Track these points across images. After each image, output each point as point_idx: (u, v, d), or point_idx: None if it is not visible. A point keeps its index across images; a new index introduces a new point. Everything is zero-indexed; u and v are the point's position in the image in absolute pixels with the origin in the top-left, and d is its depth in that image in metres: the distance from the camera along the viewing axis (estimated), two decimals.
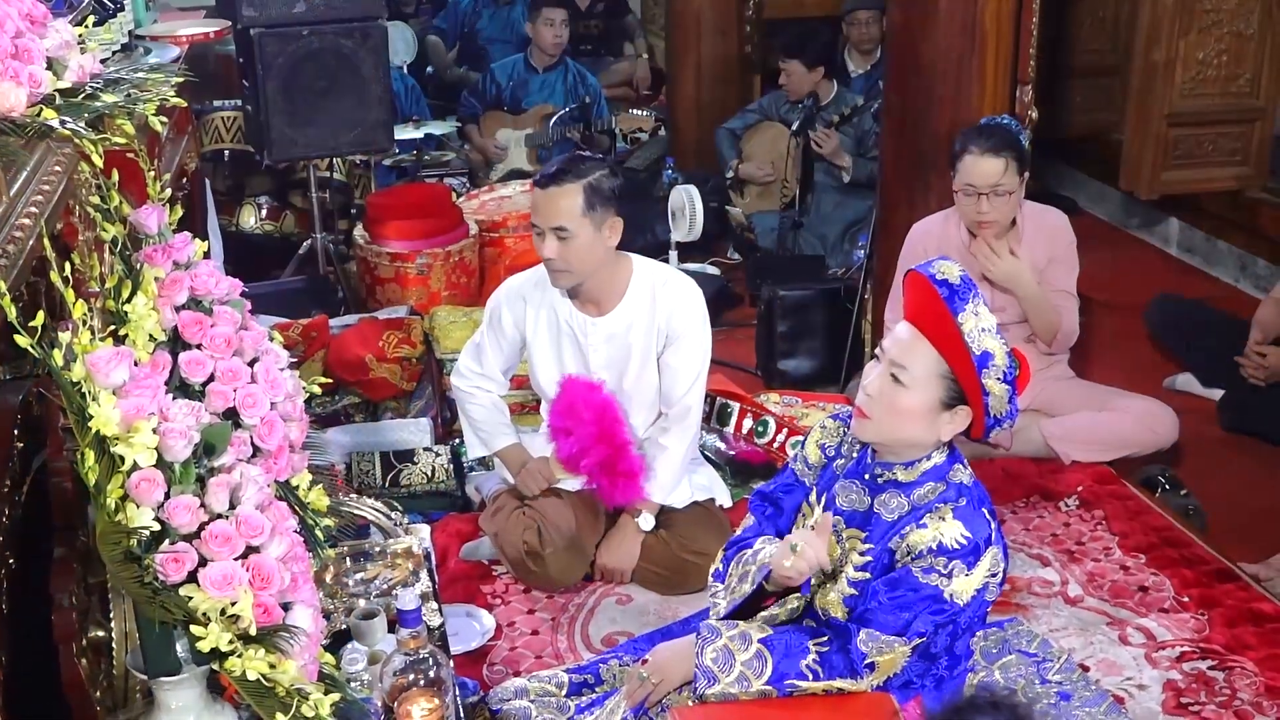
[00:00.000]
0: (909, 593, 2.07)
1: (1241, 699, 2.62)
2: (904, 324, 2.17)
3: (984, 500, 2.15)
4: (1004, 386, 2.08)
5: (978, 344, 2.05)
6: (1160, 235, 5.57)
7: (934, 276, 2.09)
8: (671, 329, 3.03)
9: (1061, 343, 3.67)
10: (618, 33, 7.91)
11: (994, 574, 2.10)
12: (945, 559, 2.06)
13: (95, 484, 1.40)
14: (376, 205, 4.60)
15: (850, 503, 2.24)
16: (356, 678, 1.88)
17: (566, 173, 2.89)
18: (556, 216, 2.87)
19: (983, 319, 2.07)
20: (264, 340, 1.75)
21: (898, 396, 2.11)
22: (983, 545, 2.08)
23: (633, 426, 3.10)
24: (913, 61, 4.03)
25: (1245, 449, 3.78)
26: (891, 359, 2.13)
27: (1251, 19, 4.77)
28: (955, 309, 2.06)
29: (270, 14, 4.20)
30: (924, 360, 2.10)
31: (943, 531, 2.07)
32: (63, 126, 1.49)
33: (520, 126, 6.17)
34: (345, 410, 3.88)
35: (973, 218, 3.54)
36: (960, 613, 2.07)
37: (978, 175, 3.47)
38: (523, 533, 3.02)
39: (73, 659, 1.54)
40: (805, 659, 2.09)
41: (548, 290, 3.06)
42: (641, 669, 2.26)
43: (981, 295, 2.13)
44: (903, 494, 2.16)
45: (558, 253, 2.90)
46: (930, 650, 2.10)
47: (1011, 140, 3.52)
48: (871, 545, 2.17)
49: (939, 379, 2.10)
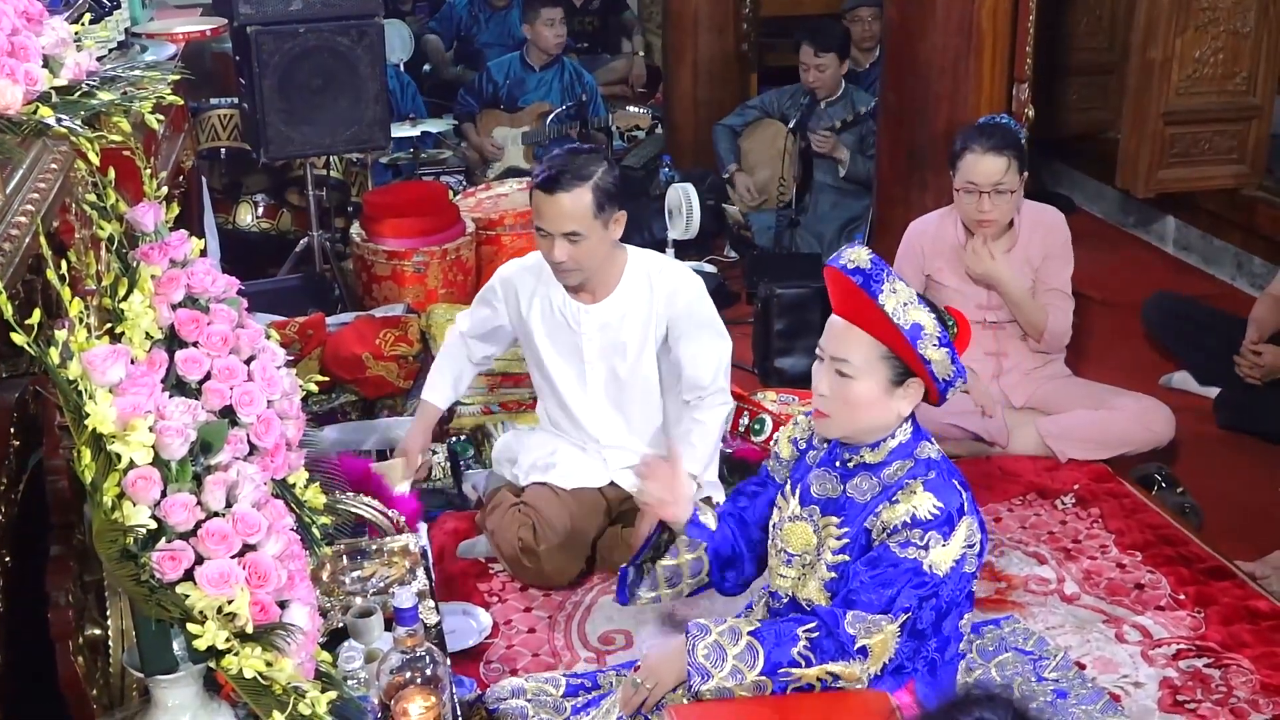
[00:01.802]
0: (889, 569, 2.09)
1: (1238, 696, 2.63)
2: (834, 318, 2.21)
3: (953, 472, 2.19)
4: (943, 350, 2.12)
5: (904, 319, 2.09)
6: (1157, 233, 5.58)
7: (845, 267, 2.13)
8: (673, 316, 3.01)
9: (1051, 341, 3.67)
10: (615, 30, 7.91)
11: (971, 544, 2.12)
12: (921, 531, 2.08)
13: (92, 482, 1.40)
14: (373, 203, 4.60)
15: (824, 490, 2.27)
16: (353, 676, 1.88)
17: (571, 175, 2.83)
18: (568, 221, 2.84)
19: (901, 294, 2.11)
20: (260, 338, 1.75)
21: (848, 389, 2.15)
22: (956, 515, 2.11)
23: (629, 418, 3.11)
24: (910, 60, 4.04)
25: (1241, 447, 3.78)
26: (832, 355, 2.18)
27: (1248, 17, 4.77)
28: (874, 292, 2.10)
29: (267, 12, 4.19)
30: (861, 347, 2.14)
31: (916, 505, 2.10)
32: (59, 124, 1.49)
33: (517, 124, 6.17)
34: (342, 408, 3.88)
35: (973, 216, 3.55)
36: (941, 584, 2.09)
37: (979, 174, 3.48)
38: (517, 530, 3.02)
39: (69, 657, 1.54)
40: (796, 646, 2.11)
41: (542, 278, 3.06)
42: (634, 675, 2.27)
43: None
44: (873, 475, 2.20)
45: (568, 255, 2.87)
46: (918, 627, 2.11)
47: (1013, 139, 3.53)
48: (848, 528, 2.19)
49: (881, 360, 2.14)
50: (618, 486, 3.14)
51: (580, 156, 2.92)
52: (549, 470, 3.12)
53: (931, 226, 3.74)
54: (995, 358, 3.73)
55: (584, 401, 3.13)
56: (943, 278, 3.70)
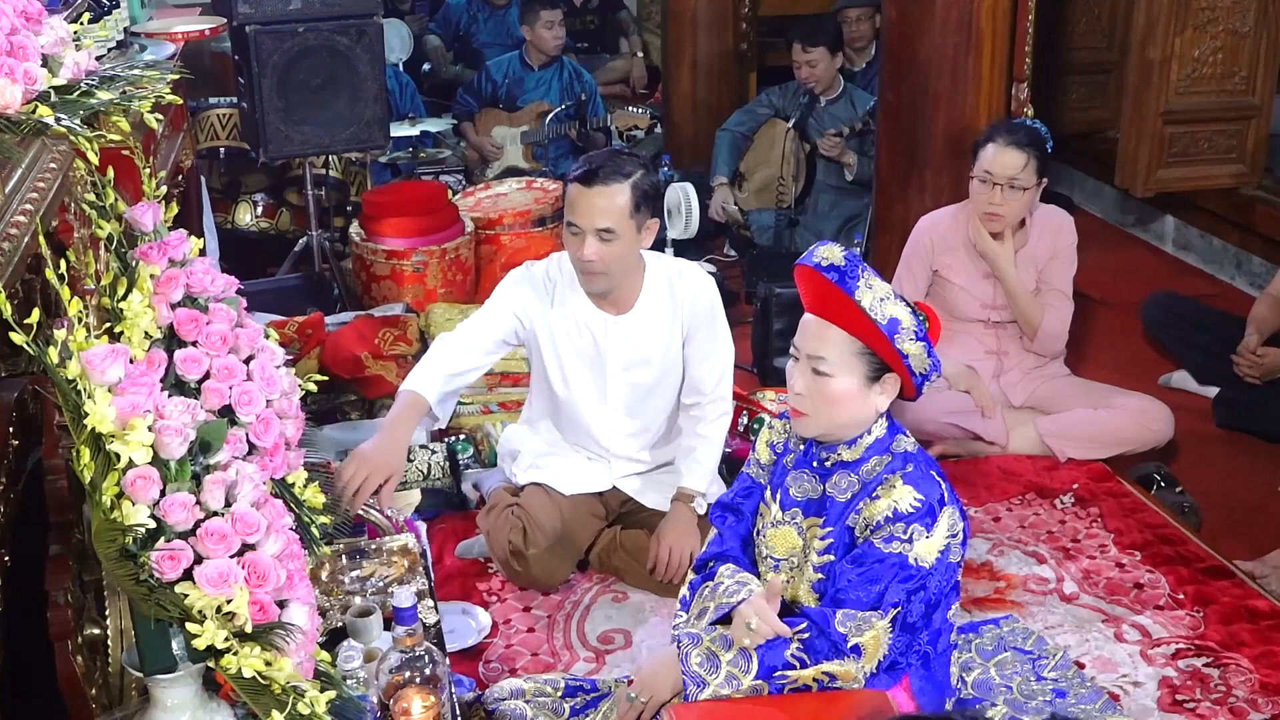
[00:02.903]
0: (875, 565, 2.09)
1: (1237, 696, 2.63)
2: (808, 316, 2.20)
3: (931, 463, 2.19)
4: (919, 344, 2.13)
5: (881, 313, 2.10)
6: (1156, 233, 5.58)
7: (820, 265, 2.12)
8: (693, 319, 2.99)
9: (1044, 341, 3.67)
10: (613, 29, 7.91)
11: (954, 534, 2.13)
12: (903, 524, 2.09)
13: (90, 481, 1.40)
14: (372, 203, 4.60)
15: (803, 492, 2.27)
16: (352, 675, 1.88)
17: (612, 171, 2.78)
18: (602, 217, 2.78)
19: (877, 289, 2.11)
20: (260, 338, 1.75)
21: (825, 386, 2.15)
22: (937, 506, 2.11)
23: (646, 428, 3.09)
24: (908, 59, 4.04)
25: (1240, 446, 3.78)
26: (808, 353, 2.18)
27: (1247, 16, 4.77)
28: (849, 288, 2.10)
29: (266, 11, 4.19)
30: (837, 344, 2.15)
31: (896, 499, 2.10)
32: (58, 124, 1.48)
33: (516, 124, 6.17)
34: (341, 408, 3.88)
35: (984, 207, 3.55)
36: (929, 576, 2.09)
37: (998, 165, 3.50)
38: (509, 532, 3.00)
39: (68, 656, 1.54)
40: (789, 648, 2.10)
41: (564, 288, 2.98)
42: (629, 690, 2.27)
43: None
44: (851, 472, 2.20)
45: (599, 254, 2.80)
46: (908, 621, 2.11)
47: (1037, 140, 3.55)
48: (831, 528, 2.19)
49: (857, 357, 2.15)
50: (618, 490, 3.13)
51: (622, 156, 2.87)
52: (548, 471, 3.10)
53: (943, 222, 3.74)
54: (996, 356, 3.73)
55: (601, 414, 3.06)
56: (950, 274, 3.70)
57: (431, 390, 2.85)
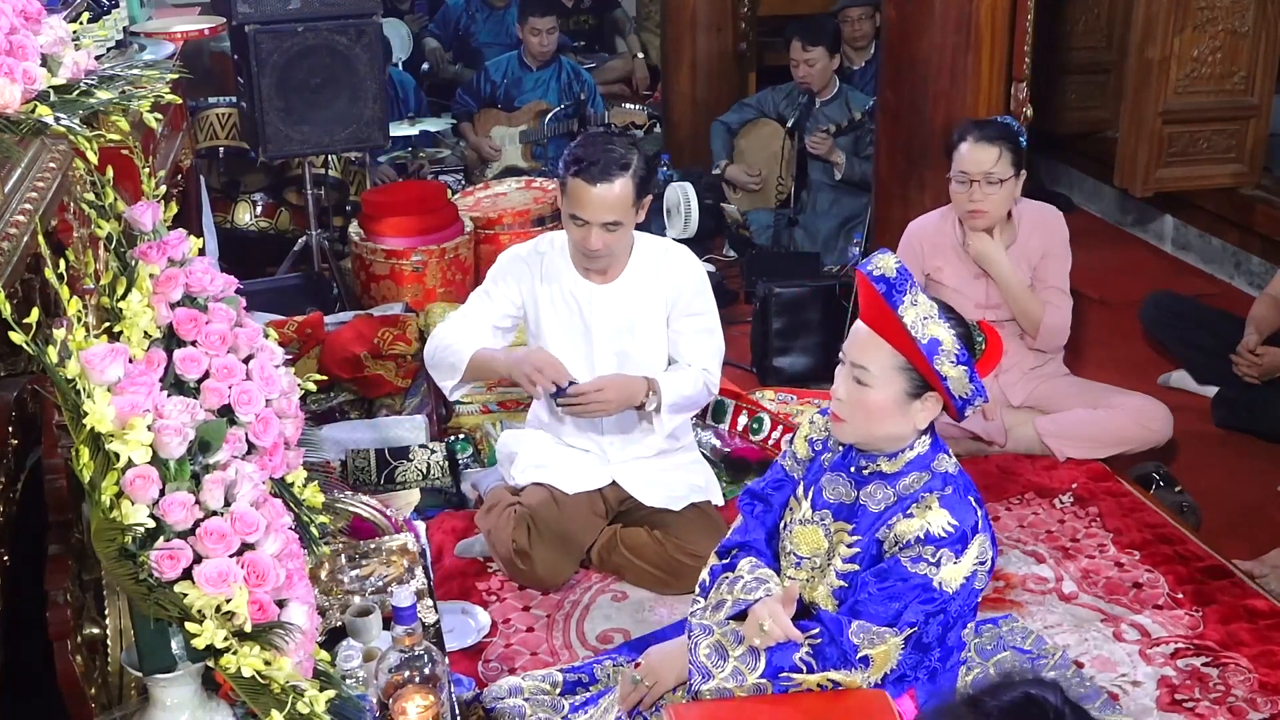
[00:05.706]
0: (898, 582, 2.07)
1: (1236, 695, 2.63)
2: (859, 324, 2.19)
3: (969, 488, 2.16)
4: (960, 368, 2.09)
5: (922, 333, 2.07)
6: (1155, 232, 5.58)
7: (871, 274, 2.11)
8: (680, 295, 3.04)
9: (1046, 337, 3.67)
10: (609, 28, 7.91)
11: (982, 561, 2.11)
12: (933, 548, 2.06)
13: (90, 481, 1.40)
14: (371, 202, 4.60)
15: (837, 495, 2.25)
16: (352, 675, 1.88)
17: (613, 165, 2.85)
18: (610, 211, 2.87)
19: (921, 307, 2.09)
20: (259, 337, 1.75)
21: (865, 396, 2.14)
22: (970, 533, 2.08)
23: None
24: (908, 58, 4.04)
25: (1239, 446, 3.78)
26: (852, 361, 2.17)
27: (1246, 16, 4.78)
28: (894, 303, 2.08)
29: (265, 11, 4.20)
30: (881, 357, 2.13)
31: (930, 520, 2.07)
32: (57, 123, 1.48)
33: (515, 124, 6.17)
34: (340, 407, 3.88)
35: (964, 206, 3.56)
36: (950, 601, 2.08)
37: (971, 162, 3.51)
38: (512, 531, 3.01)
39: (68, 656, 1.54)
40: (798, 651, 2.09)
41: (550, 259, 3.06)
42: (634, 672, 2.26)
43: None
44: (888, 485, 2.18)
45: (605, 243, 2.90)
46: (923, 640, 2.10)
47: (1007, 132, 3.55)
48: (859, 537, 2.18)
49: (899, 371, 2.13)
50: (618, 487, 3.14)
51: (614, 145, 2.91)
52: (547, 471, 3.11)
53: (931, 225, 3.75)
54: None
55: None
56: (942, 277, 3.70)
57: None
